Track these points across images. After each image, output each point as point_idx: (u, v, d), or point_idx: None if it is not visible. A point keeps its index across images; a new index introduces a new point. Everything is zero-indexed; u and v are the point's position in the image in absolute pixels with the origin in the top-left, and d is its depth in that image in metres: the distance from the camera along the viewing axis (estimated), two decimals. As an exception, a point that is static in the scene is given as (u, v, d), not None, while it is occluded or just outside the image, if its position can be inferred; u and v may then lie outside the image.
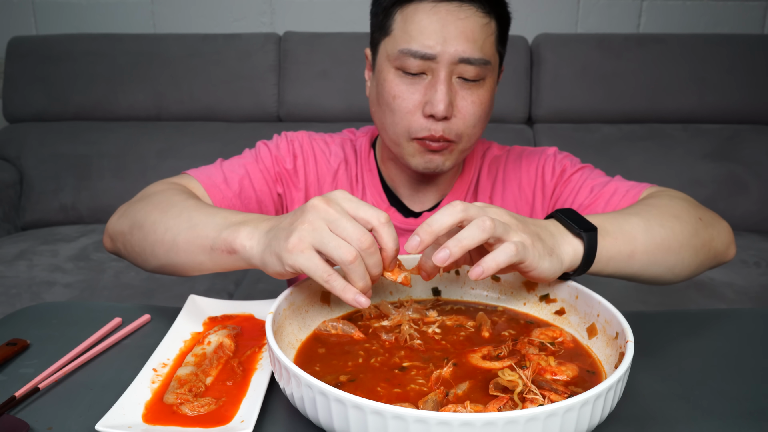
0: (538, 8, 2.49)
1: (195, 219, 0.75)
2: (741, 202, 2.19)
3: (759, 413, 0.61)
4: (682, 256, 0.80)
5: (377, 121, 0.96)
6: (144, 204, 0.84)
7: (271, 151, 1.02)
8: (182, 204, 0.80)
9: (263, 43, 2.33)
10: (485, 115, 0.92)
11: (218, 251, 0.70)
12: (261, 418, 0.59)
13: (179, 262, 0.76)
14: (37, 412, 0.60)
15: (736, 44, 2.29)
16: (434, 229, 0.61)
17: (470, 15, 0.86)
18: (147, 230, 0.80)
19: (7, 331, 0.76)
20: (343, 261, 0.60)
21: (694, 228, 0.81)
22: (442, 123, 0.88)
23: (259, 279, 1.91)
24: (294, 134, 1.05)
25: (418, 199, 1.02)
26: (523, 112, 2.35)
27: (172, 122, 2.36)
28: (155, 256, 0.79)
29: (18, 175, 2.28)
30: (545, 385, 0.57)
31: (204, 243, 0.72)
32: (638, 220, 0.77)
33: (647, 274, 0.78)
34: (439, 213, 0.62)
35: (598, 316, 0.67)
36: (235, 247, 0.68)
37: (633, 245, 0.74)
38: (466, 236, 0.60)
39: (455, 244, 0.60)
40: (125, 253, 0.86)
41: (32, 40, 2.36)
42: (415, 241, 0.61)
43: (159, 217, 0.79)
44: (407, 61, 0.87)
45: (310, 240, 0.60)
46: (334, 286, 0.61)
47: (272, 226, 0.66)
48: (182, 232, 0.75)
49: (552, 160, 1.02)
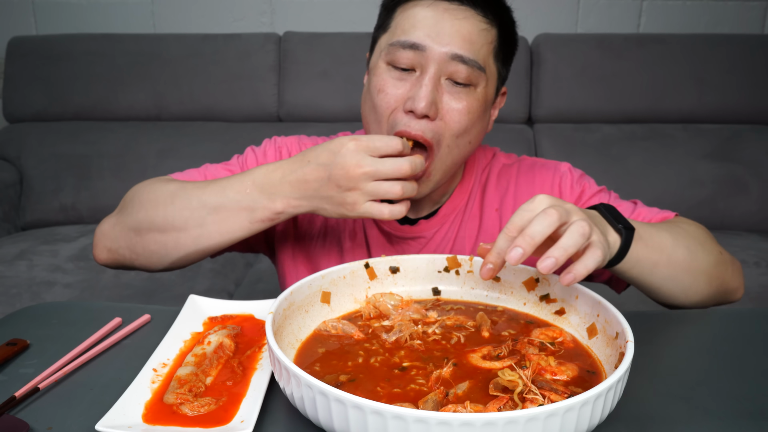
0: (538, 8, 2.49)
1: (209, 201, 0.81)
2: (741, 202, 2.18)
3: (759, 413, 0.61)
4: (698, 281, 0.83)
5: (364, 122, 0.92)
6: (139, 205, 0.85)
7: (257, 157, 1.00)
8: (181, 192, 0.83)
9: (263, 43, 2.33)
10: (472, 126, 0.86)
11: (259, 223, 0.80)
12: (261, 418, 0.59)
13: (212, 244, 0.83)
14: (37, 412, 0.60)
15: (736, 44, 2.29)
16: (537, 240, 0.62)
17: (469, 16, 0.84)
18: (161, 228, 0.82)
19: (7, 331, 0.75)
20: (402, 173, 0.75)
21: (714, 259, 0.86)
22: (422, 122, 0.83)
23: (259, 279, 1.91)
24: (283, 140, 1.03)
25: (414, 208, 0.98)
26: (523, 112, 2.35)
27: (172, 122, 2.36)
28: (180, 247, 0.83)
29: (18, 175, 2.28)
30: (545, 385, 0.57)
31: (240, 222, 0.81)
32: (668, 236, 0.81)
33: (663, 288, 0.82)
34: (538, 223, 0.62)
35: (598, 316, 0.67)
36: (280, 212, 0.79)
37: (659, 256, 0.78)
38: (570, 244, 0.62)
39: (561, 253, 0.61)
40: (133, 257, 0.86)
41: (32, 40, 2.36)
42: (518, 253, 0.61)
43: (167, 211, 0.82)
44: (397, 53, 0.84)
45: (364, 197, 0.75)
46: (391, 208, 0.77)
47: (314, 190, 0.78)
48: (207, 218, 0.81)
49: (569, 178, 0.98)
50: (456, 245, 0.97)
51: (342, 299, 0.75)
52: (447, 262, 0.78)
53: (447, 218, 0.97)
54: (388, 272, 0.78)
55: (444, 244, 0.97)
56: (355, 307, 0.75)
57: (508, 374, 0.57)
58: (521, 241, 0.62)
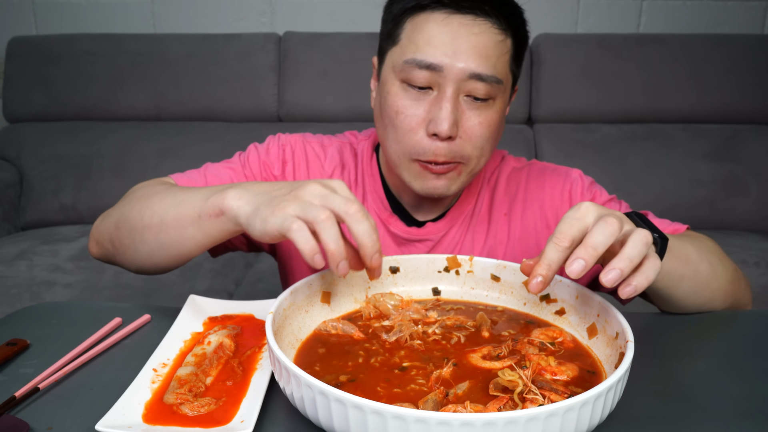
0: (538, 8, 2.49)
1: (180, 197, 0.77)
2: (741, 202, 2.19)
3: (759, 413, 0.61)
4: (716, 296, 0.83)
5: (380, 135, 0.91)
6: (126, 201, 0.84)
7: (260, 155, 0.99)
8: (166, 190, 0.81)
9: (263, 43, 2.33)
10: (493, 137, 0.87)
11: (206, 217, 0.72)
12: (261, 418, 0.59)
13: (168, 240, 0.77)
14: (37, 412, 0.60)
15: (736, 44, 2.29)
16: (600, 251, 0.58)
17: (485, 30, 0.81)
18: (134, 220, 0.80)
19: (7, 331, 0.75)
20: (316, 219, 0.61)
21: (731, 276, 0.85)
22: (445, 144, 0.83)
23: (259, 279, 1.91)
24: (287, 137, 1.01)
25: (422, 210, 0.98)
26: (523, 112, 2.35)
27: (172, 122, 2.36)
28: (145, 242, 0.79)
29: (18, 175, 2.28)
30: (545, 385, 0.57)
31: (192, 213, 0.73)
32: (693, 249, 0.79)
33: (683, 301, 0.81)
34: (600, 233, 0.59)
35: (598, 316, 0.67)
36: (223, 207, 0.69)
37: (686, 269, 0.77)
38: (636, 254, 0.59)
39: (627, 265, 0.58)
40: (114, 251, 0.85)
41: (32, 40, 2.36)
42: (580, 265, 0.58)
43: (144, 205, 0.80)
44: (412, 73, 0.82)
45: (294, 208, 0.62)
46: (297, 237, 0.60)
47: (263, 191, 0.68)
48: (169, 211, 0.76)
49: (580, 185, 0.97)
50: (464, 249, 0.97)
51: (342, 299, 0.75)
52: (447, 262, 0.78)
53: (455, 221, 0.97)
54: (388, 272, 0.78)
55: (452, 248, 0.97)
56: (355, 307, 0.75)
57: (508, 374, 0.57)
58: (583, 252, 0.58)
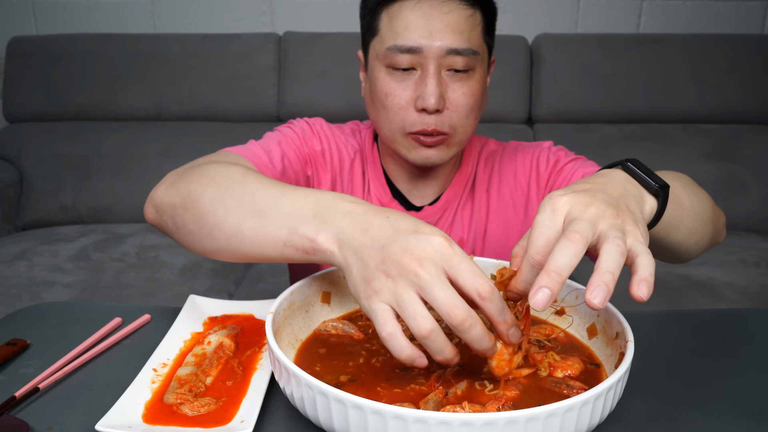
0: (538, 8, 2.49)
1: (260, 202, 0.67)
2: (741, 202, 2.19)
3: (759, 413, 0.61)
4: (707, 228, 0.78)
5: (373, 119, 0.97)
6: (198, 175, 0.75)
7: (296, 132, 1.00)
8: (242, 181, 0.71)
9: (263, 43, 2.33)
10: (477, 106, 0.93)
11: (292, 248, 0.63)
12: (261, 418, 0.59)
13: (242, 250, 0.68)
14: (37, 412, 0.60)
15: (736, 44, 2.29)
16: (565, 276, 0.51)
17: (454, 8, 0.88)
18: (205, 209, 0.70)
19: (7, 331, 0.75)
20: (418, 334, 0.52)
21: (710, 202, 0.81)
22: (434, 116, 0.90)
23: (259, 279, 1.91)
24: (311, 119, 1.04)
25: (417, 194, 1.04)
26: (523, 112, 2.35)
27: (172, 122, 2.36)
28: (213, 239, 0.70)
29: (18, 175, 2.28)
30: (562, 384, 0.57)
31: (276, 237, 0.64)
32: (679, 185, 0.71)
33: (683, 244, 0.74)
34: (563, 254, 0.51)
35: (598, 316, 0.67)
36: (316, 247, 0.61)
37: (682, 210, 0.70)
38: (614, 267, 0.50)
39: (610, 278, 0.50)
40: (173, 229, 0.76)
41: (32, 40, 2.36)
42: (545, 295, 0.49)
43: (218, 194, 0.70)
44: (396, 58, 0.89)
45: (388, 297, 0.54)
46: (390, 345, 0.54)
47: (361, 241, 0.58)
48: (248, 221, 0.66)
49: (546, 153, 1.04)
50: (455, 229, 1.03)
51: (342, 299, 0.75)
52: (447, 262, 0.78)
53: (449, 204, 1.04)
54: (388, 272, 0.78)
55: (445, 229, 1.03)
56: (355, 307, 0.75)
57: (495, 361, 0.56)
58: (546, 280, 0.50)
